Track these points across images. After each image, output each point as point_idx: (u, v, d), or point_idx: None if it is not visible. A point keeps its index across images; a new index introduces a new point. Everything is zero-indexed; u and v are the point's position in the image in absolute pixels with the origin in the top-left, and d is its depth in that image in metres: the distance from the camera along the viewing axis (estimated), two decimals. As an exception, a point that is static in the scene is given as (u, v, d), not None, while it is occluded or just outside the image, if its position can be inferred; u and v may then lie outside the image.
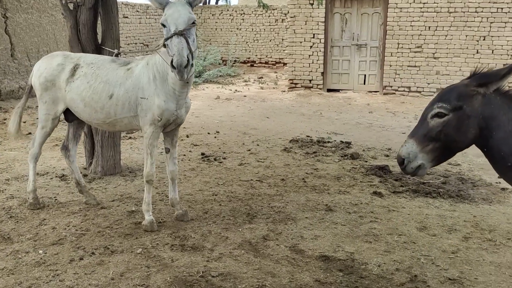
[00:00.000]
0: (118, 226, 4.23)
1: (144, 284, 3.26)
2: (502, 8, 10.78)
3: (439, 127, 2.44)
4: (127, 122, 4.24)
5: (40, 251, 3.72)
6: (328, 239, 4.01)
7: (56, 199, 4.85)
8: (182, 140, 7.46)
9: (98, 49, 5.43)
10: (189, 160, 6.38)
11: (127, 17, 14.94)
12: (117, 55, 4.68)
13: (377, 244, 3.94)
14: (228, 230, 4.15)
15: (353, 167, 6.08)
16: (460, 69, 11.23)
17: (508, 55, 10.92)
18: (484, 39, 11.02)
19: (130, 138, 7.51)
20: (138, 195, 4.96)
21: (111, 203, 4.77)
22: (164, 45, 3.79)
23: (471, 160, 6.48)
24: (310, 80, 12.33)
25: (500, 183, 5.53)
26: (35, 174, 4.71)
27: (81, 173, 5.67)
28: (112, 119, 4.22)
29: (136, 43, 15.28)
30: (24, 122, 8.58)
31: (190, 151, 6.81)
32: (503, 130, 2.36)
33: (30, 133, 7.59)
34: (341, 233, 4.14)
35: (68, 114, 4.56)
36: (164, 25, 3.69)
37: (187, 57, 3.52)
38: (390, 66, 11.64)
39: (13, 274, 3.38)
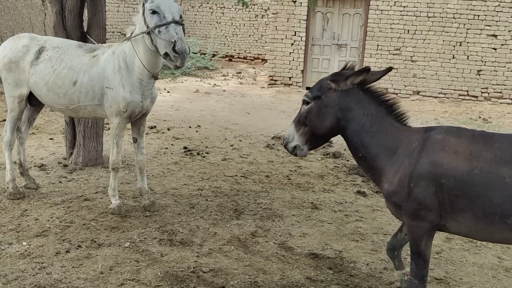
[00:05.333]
0: (104, 218, 4.14)
1: (134, 278, 3.21)
2: (478, 16, 11.08)
3: (304, 113, 2.81)
4: (90, 110, 4.22)
5: (24, 243, 3.61)
6: (316, 237, 4.05)
7: (36, 189, 4.71)
8: (163, 133, 7.37)
9: (83, 37, 5.29)
10: (172, 153, 6.31)
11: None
12: None
13: (364, 243, 4.00)
14: (216, 226, 4.13)
15: (335, 166, 6.15)
16: (436, 73, 11.49)
17: (482, 61, 11.24)
18: (460, 45, 11.30)
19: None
20: (122, 188, 4.88)
21: (94, 195, 4.67)
22: (148, 32, 3.73)
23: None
24: (289, 78, 12.36)
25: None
26: (12, 163, 4.57)
27: (61, 163, 5.55)
28: (75, 105, 4.19)
29: (113, 32, 14.97)
30: (-2, 108, 8.29)
31: (172, 145, 6.73)
32: (357, 122, 2.68)
33: (3, 120, 7.34)
34: (328, 231, 4.19)
35: (32, 98, 4.46)
36: (155, 12, 3.66)
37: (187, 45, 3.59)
38: (369, 67, 11.79)
39: (-4, 266, 3.27)
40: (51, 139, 6.67)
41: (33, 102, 4.52)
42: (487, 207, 2.38)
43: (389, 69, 2.82)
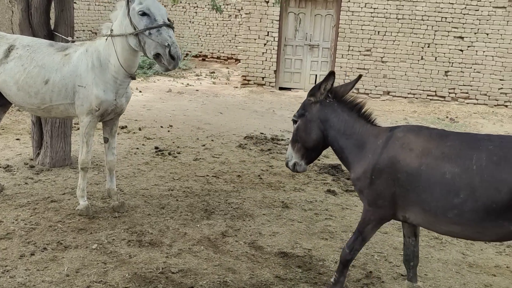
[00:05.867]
0: (71, 220, 4.07)
1: (101, 280, 3.16)
2: (446, 18, 11.36)
3: (295, 131, 3.10)
4: (63, 109, 4.15)
5: (-13, 246, 3.51)
6: (285, 235, 4.08)
7: (1, 191, 4.59)
8: (134, 133, 7.29)
9: (50, 35, 5.19)
10: (143, 153, 6.25)
11: (75, 2, 14.31)
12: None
13: (333, 241, 4.05)
14: (186, 226, 4.11)
15: (307, 165, 6.19)
16: (405, 74, 11.72)
17: (449, 62, 11.53)
18: (428, 46, 11.56)
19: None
20: (90, 189, 4.79)
21: (61, 196, 4.58)
22: (136, 34, 3.70)
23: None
24: (262, 78, 12.40)
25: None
26: (-24, 164, 4.45)
27: (27, 164, 5.42)
28: (47, 105, 4.12)
29: (84, 30, 14.69)
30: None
31: (143, 145, 6.66)
32: (334, 129, 2.98)
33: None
34: (298, 230, 4.22)
35: None
36: (145, 14, 3.65)
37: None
38: (341, 67, 11.95)
39: (-43, 270, 3.17)
40: (17, 139, 6.51)
41: (0, 101, 4.41)
42: (430, 201, 2.53)
43: (359, 77, 3.07)
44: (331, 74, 2.93)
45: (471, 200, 2.40)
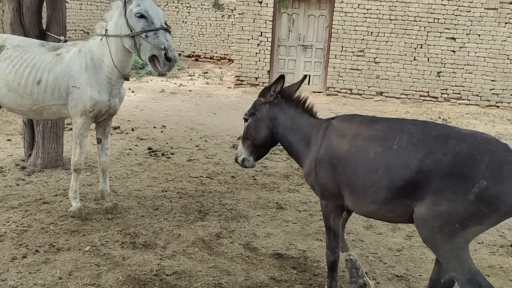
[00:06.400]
0: (63, 222, 4.03)
1: (95, 283, 3.13)
2: (438, 19, 11.42)
3: (245, 129, 3.24)
4: (55, 110, 4.11)
5: (-22, 249, 3.46)
6: (280, 237, 4.06)
7: (-8, 193, 4.54)
8: (127, 133, 7.24)
9: (42, 34, 5.13)
10: (136, 154, 6.20)
11: (67, 2, 14.19)
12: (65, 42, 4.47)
13: (327, 242, 4.04)
14: (180, 228, 4.09)
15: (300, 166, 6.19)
16: (398, 75, 11.77)
17: (442, 63, 11.59)
18: (421, 47, 11.61)
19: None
20: (83, 190, 4.75)
21: (53, 198, 4.54)
22: (133, 36, 3.68)
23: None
24: (256, 78, 12.39)
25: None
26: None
27: (19, 165, 5.36)
28: (39, 105, 4.07)
29: (76, 30, 14.59)
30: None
31: (136, 145, 6.62)
32: (282, 125, 3.12)
33: (-42, 121, 7.05)
34: (293, 231, 4.21)
35: None
36: (143, 16, 3.64)
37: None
38: (334, 68, 11.97)
39: None
40: (8, 140, 6.44)
41: None
42: (356, 181, 2.64)
43: (304, 77, 3.25)
44: (281, 78, 3.10)
45: (385, 177, 2.51)
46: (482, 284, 2.28)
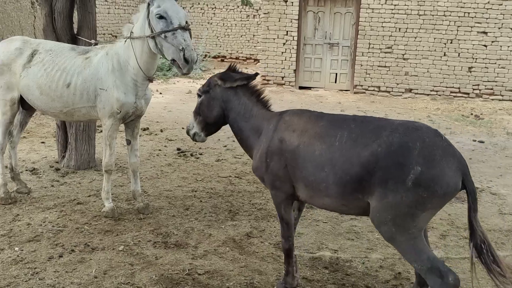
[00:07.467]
0: (97, 222, 4.11)
1: (129, 282, 3.18)
2: (469, 13, 11.14)
3: (198, 105, 3.28)
4: (85, 112, 4.18)
5: (16, 248, 3.56)
6: (311, 236, 4.04)
7: (28, 194, 4.66)
8: (156, 135, 7.33)
9: (73, 39, 5.25)
10: (165, 155, 6.28)
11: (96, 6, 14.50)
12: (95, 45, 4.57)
13: (359, 241, 3.99)
14: (211, 227, 4.11)
15: (329, 165, 6.13)
16: (428, 71, 11.53)
17: (473, 58, 11.29)
18: (451, 42, 11.35)
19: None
20: (115, 191, 4.83)
21: (87, 199, 4.63)
22: (153, 37, 3.72)
23: (442, 160, 6.67)
24: (282, 77, 12.36)
25: (470, 182, 5.72)
26: (3, 167, 4.53)
27: (53, 167, 5.50)
28: (69, 108, 4.16)
29: (104, 34, 14.88)
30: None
31: (165, 146, 6.70)
32: (235, 111, 3.17)
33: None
34: (323, 230, 4.17)
35: (25, 102, 4.42)
36: (162, 17, 3.67)
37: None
38: (361, 65, 11.82)
39: (-12, 272, 3.22)
40: (42, 142, 6.61)
41: (26, 105, 4.48)
42: (308, 176, 2.73)
43: (256, 74, 3.24)
44: (255, 75, 3.18)
45: (332, 173, 2.60)
46: (442, 269, 2.40)
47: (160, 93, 11.00)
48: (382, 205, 2.47)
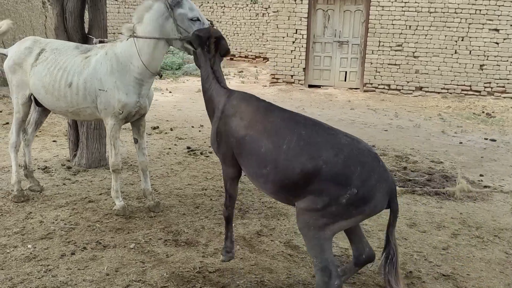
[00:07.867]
0: (108, 220, 4.14)
1: (140, 279, 3.20)
2: (480, 10, 11.03)
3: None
4: (90, 112, 4.19)
5: (29, 246, 3.60)
6: (321, 235, 4.02)
7: (40, 192, 4.71)
8: (166, 133, 7.36)
9: (84, 38, 5.28)
10: (175, 153, 6.30)
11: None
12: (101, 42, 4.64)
13: (369, 240, 3.96)
14: (221, 225, 4.11)
15: (339, 163, 6.12)
16: (438, 69, 11.45)
17: (485, 56, 11.19)
18: (462, 40, 11.26)
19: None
20: (126, 189, 4.87)
21: (98, 197, 4.66)
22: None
23: (453, 158, 6.63)
24: (291, 76, 12.34)
25: (482, 181, 5.67)
26: (17, 165, 4.58)
27: (64, 165, 5.55)
28: (74, 108, 4.19)
29: (114, 33, 14.97)
30: (0, 111, 8.31)
31: (175, 145, 6.73)
32: (202, 73, 3.29)
33: (7, 123, 7.36)
34: (334, 229, 4.16)
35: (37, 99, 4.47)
36: (198, 20, 3.80)
37: None
38: (371, 63, 11.77)
39: (2, 269, 3.26)
40: (54, 141, 6.67)
41: (40, 103, 4.51)
42: (249, 167, 2.86)
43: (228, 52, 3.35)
44: (227, 53, 3.31)
45: (273, 173, 2.69)
46: (333, 273, 2.55)
47: (170, 92, 11.04)
48: (310, 209, 2.57)
